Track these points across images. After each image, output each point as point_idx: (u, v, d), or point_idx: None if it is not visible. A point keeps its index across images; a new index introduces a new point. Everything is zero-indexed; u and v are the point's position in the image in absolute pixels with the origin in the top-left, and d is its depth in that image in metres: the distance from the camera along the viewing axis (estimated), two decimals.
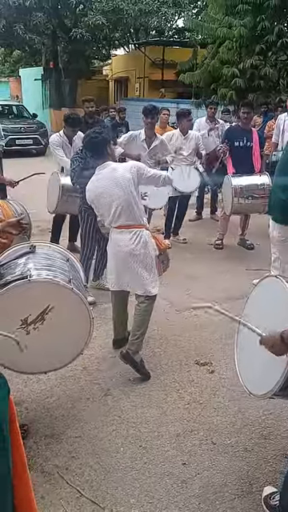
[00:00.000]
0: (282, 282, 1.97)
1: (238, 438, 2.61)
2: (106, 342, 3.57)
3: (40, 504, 2.14)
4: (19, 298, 2.26)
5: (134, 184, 3.03)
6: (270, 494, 2.17)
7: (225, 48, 10.34)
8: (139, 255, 3.09)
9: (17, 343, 1.84)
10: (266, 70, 9.93)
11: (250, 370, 2.18)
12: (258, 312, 2.12)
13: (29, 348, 2.12)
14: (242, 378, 2.21)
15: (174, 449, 2.52)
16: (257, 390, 2.03)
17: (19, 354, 1.99)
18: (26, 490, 1.26)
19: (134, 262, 3.10)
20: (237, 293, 4.19)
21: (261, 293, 2.22)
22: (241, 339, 2.33)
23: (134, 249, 3.08)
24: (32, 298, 2.29)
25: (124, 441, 2.57)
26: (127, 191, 3.00)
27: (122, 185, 3.00)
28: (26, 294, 2.27)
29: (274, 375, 1.84)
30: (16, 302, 2.26)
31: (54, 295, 2.34)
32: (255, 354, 2.10)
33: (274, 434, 2.64)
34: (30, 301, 2.29)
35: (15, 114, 15.22)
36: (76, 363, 3.22)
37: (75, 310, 2.43)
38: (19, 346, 1.83)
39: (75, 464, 2.40)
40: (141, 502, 2.20)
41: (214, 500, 2.21)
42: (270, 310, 2.04)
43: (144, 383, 3.08)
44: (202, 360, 3.37)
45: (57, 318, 2.34)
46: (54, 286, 2.34)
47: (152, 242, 3.18)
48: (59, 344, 2.46)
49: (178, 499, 2.21)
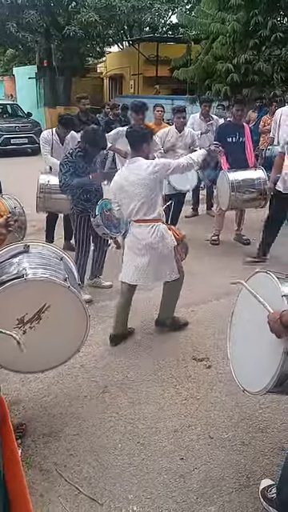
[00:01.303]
0: (271, 277, 1.97)
1: (236, 432, 2.62)
2: (103, 339, 3.57)
3: (39, 502, 2.16)
4: (15, 297, 2.26)
5: (157, 182, 3.24)
6: (267, 486, 2.19)
7: (218, 43, 10.33)
8: (157, 248, 3.31)
9: (17, 343, 1.82)
10: (260, 64, 9.93)
11: (244, 366, 2.18)
12: (250, 308, 2.12)
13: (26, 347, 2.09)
14: (235, 374, 2.21)
15: (171, 444, 2.53)
16: (251, 387, 2.04)
17: (16, 354, 1.96)
18: (20, 488, 1.27)
19: (153, 255, 3.32)
20: (233, 288, 4.18)
21: (253, 288, 2.22)
22: (233, 334, 2.33)
23: (152, 242, 3.29)
24: (28, 297, 2.29)
25: (122, 437, 2.58)
26: (150, 189, 3.20)
27: (147, 183, 3.18)
28: (23, 293, 2.26)
29: (268, 372, 1.84)
30: (12, 302, 2.26)
31: (50, 294, 2.34)
32: (249, 350, 2.11)
33: (271, 427, 2.65)
34: (26, 300, 2.28)
35: (10, 113, 15.17)
36: (73, 361, 3.23)
37: (71, 307, 2.43)
38: (20, 346, 1.81)
39: (73, 461, 2.41)
40: (139, 497, 2.21)
41: (212, 494, 2.22)
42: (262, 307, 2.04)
43: (141, 380, 3.09)
44: (199, 355, 3.38)
45: (53, 316, 2.34)
46: (50, 284, 2.34)
47: (169, 233, 3.38)
48: (56, 342, 2.45)
49: (175, 494, 2.23)
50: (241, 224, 5.85)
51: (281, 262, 4.87)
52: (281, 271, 2.05)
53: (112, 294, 4.30)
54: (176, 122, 5.59)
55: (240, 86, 10.23)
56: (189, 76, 11.55)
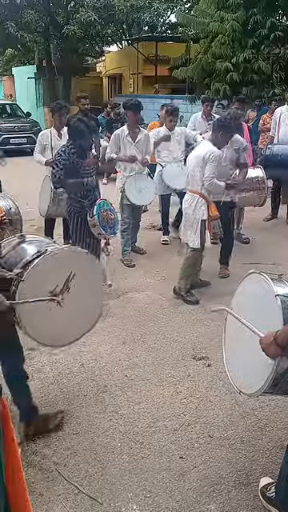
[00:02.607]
0: (265, 278, 1.98)
1: (235, 431, 2.62)
2: (102, 338, 3.58)
3: (39, 501, 2.16)
4: (46, 271, 2.33)
5: (202, 163, 3.91)
6: (266, 484, 2.19)
7: (217, 42, 10.31)
8: (187, 214, 4.12)
9: (57, 302, 2.20)
10: (259, 63, 9.92)
11: (239, 368, 2.19)
12: (244, 309, 2.13)
13: (56, 318, 2.33)
14: (231, 376, 2.21)
15: (171, 443, 2.54)
16: (246, 389, 2.04)
17: (47, 326, 2.31)
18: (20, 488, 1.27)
19: (184, 219, 4.20)
20: (233, 287, 4.19)
21: (246, 290, 2.23)
22: (228, 337, 2.34)
23: (185, 208, 4.13)
24: (56, 269, 2.36)
25: (121, 436, 2.58)
26: (197, 165, 3.95)
27: (197, 160, 3.95)
28: (51, 267, 2.34)
29: (263, 373, 1.84)
30: (44, 276, 2.32)
31: (74, 262, 2.43)
32: (244, 352, 2.11)
33: (270, 425, 2.66)
34: (55, 272, 2.36)
35: (9, 113, 15.17)
36: (73, 360, 3.25)
37: (91, 272, 2.57)
38: (59, 303, 2.19)
39: (73, 460, 2.42)
40: (139, 496, 2.21)
41: (212, 492, 2.23)
42: (255, 308, 2.05)
43: (140, 379, 3.10)
44: (198, 354, 3.39)
45: (78, 284, 2.39)
46: (72, 253, 2.52)
47: (203, 208, 3.99)
48: (81, 312, 2.50)
49: (175, 493, 2.23)
50: (240, 223, 5.86)
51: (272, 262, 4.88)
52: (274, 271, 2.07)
53: (111, 294, 4.30)
54: (167, 124, 5.54)
55: (239, 85, 10.23)
56: (188, 75, 11.53)
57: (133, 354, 3.40)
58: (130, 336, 3.65)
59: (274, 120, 6.62)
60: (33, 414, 2.56)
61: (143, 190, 5.02)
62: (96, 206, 3.98)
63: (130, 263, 5.06)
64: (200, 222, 3.99)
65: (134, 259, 5.17)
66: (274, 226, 6.52)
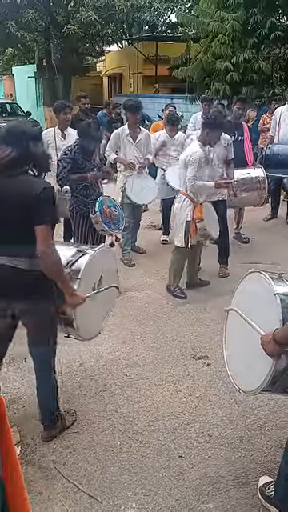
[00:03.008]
0: (265, 276, 1.99)
1: (234, 430, 2.63)
2: (102, 338, 3.56)
3: (38, 499, 2.17)
4: (92, 268, 2.56)
5: (184, 165, 4.02)
6: (265, 483, 2.19)
7: (217, 42, 10.31)
8: (176, 214, 4.22)
9: (117, 288, 2.74)
10: (260, 63, 9.92)
11: (239, 366, 2.20)
12: (244, 308, 2.14)
13: (91, 313, 2.56)
14: (231, 374, 2.23)
15: (170, 442, 2.54)
16: (246, 387, 2.05)
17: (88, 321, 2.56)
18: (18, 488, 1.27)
19: (175, 219, 4.27)
20: (233, 287, 4.20)
21: (247, 289, 2.24)
22: (228, 336, 2.35)
23: (175, 208, 4.25)
24: (96, 267, 2.61)
25: (121, 435, 2.59)
26: (181, 167, 4.10)
27: (181, 162, 4.09)
28: (94, 265, 2.58)
29: (262, 371, 1.85)
30: (91, 273, 2.56)
31: (103, 261, 2.72)
32: (243, 350, 2.13)
33: (270, 425, 2.66)
34: (94, 270, 2.61)
35: (9, 113, 15.16)
36: (72, 359, 3.26)
37: (112, 267, 2.87)
38: (118, 289, 2.72)
39: (72, 459, 2.42)
40: (138, 494, 2.21)
41: (211, 491, 2.23)
42: (255, 306, 2.06)
43: (140, 378, 3.10)
44: (198, 354, 3.39)
45: (105, 278, 2.69)
46: (103, 252, 2.76)
47: (189, 209, 4.05)
48: (105, 303, 2.77)
49: (174, 491, 2.23)
50: (240, 223, 5.86)
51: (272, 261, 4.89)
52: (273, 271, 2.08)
53: None
54: (169, 130, 5.56)
55: (239, 85, 10.23)
56: (188, 75, 11.53)
57: (132, 353, 3.40)
58: (129, 335, 3.65)
59: (274, 120, 6.62)
60: (55, 417, 2.56)
61: (144, 189, 5.02)
62: (98, 202, 3.99)
63: (130, 262, 5.06)
64: (185, 223, 4.05)
65: (134, 259, 5.18)
66: (273, 226, 6.52)
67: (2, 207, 2.12)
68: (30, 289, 2.21)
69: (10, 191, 2.12)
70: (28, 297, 2.23)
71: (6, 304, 2.26)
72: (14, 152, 2.10)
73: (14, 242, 2.15)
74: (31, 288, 2.21)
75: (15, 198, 2.12)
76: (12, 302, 2.25)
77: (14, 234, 2.15)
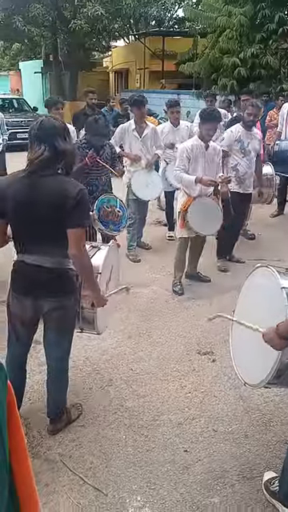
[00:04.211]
0: (272, 271, 1.99)
1: (239, 425, 2.64)
2: (107, 332, 3.58)
3: (44, 491, 2.19)
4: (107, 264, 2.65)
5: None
6: (270, 479, 2.20)
7: (225, 37, 10.26)
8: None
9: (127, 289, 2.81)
10: (267, 58, 9.85)
11: (244, 360, 2.20)
12: (251, 302, 2.14)
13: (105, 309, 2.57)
14: (236, 368, 2.24)
15: (175, 436, 2.55)
16: (251, 380, 2.06)
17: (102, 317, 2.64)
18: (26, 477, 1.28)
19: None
20: (239, 283, 4.19)
21: (254, 283, 2.24)
22: (235, 331, 2.35)
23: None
24: (108, 262, 2.69)
25: (126, 429, 2.60)
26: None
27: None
28: (107, 260, 2.67)
29: (267, 365, 1.86)
30: (106, 268, 2.65)
31: (113, 256, 2.82)
32: (249, 344, 2.13)
33: (275, 420, 2.67)
34: (108, 265, 2.69)
35: (16, 108, 15.16)
36: (78, 354, 3.27)
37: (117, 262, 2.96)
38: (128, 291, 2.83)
39: (78, 452, 2.44)
40: (143, 488, 2.23)
41: (215, 485, 2.24)
42: (262, 301, 2.07)
43: (146, 373, 3.11)
44: (203, 349, 3.40)
45: (114, 274, 2.82)
46: (113, 248, 2.87)
47: (182, 200, 4.16)
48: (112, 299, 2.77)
49: (179, 485, 2.25)
50: (247, 219, 5.83)
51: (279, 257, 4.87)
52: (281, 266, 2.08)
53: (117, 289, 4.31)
54: (171, 117, 5.54)
55: (247, 81, 10.16)
56: (195, 70, 11.49)
57: (138, 348, 3.41)
58: (135, 330, 3.67)
59: (282, 115, 6.57)
60: (61, 412, 2.58)
61: (149, 185, 5.02)
62: (98, 200, 3.92)
63: (136, 258, 5.07)
64: (177, 214, 4.25)
65: (140, 254, 5.18)
66: (280, 222, 6.50)
67: (35, 207, 2.09)
68: (54, 287, 2.23)
69: (44, 191, 2.08)
70: (52, 295, 2.24)
71: (30, 301, 2.27)
72: (47, 151, 2.06)
73: (43, 241, 2.15)
74: (55, 286, 2.23)
75: (49, 197, 2.08)
76: (36, 299, 2.26)
77: (43, 234, 2.14)
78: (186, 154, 4.00)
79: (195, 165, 4.04)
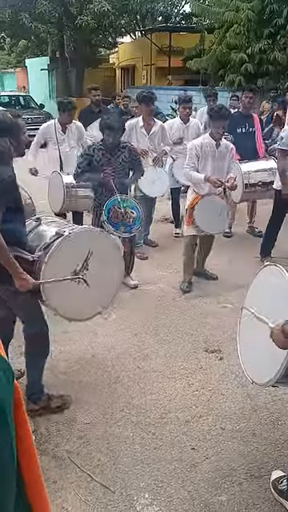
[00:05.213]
0: (280, 269, 1.98)
1: (247, 424, 2.63)
2: (114, 330, 3.60)
3: (52, 488, 2.20)
4: (67, 252, 2.51)
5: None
6: (278, 477, 2.19)
7: (232, 33, 10.18)
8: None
9: (84, 280, 2.51)
10: (275, 54, 9.76)
11: (252, 358, 2.19)
12: (259, 300, 2.13)
13: (77, 295, 2.55)
14: (244, 367, 2.23)
15: (183, 434, 2.55)
16: (259, 379, 2.05)
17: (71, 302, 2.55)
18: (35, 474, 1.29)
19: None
20: (246, 281, 4.17)
21: (262, 281, 2.23)
22: (242, 329, 2.34)
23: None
24: (76, 249, 2.56)
25: (134, 427, 2.61)
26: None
27: None
28: (71, 248, 2.53)
29: (276, 363, 1.85)
30: (65, 257, 2.52)
31: (90, 241, 2.64)
32: (257, 342, 2.12)
33: (283, 419, 2.66)
34: (75, 252, 2.56)
35: (22, 105, 15.23)
36: (84, 351, 3.28)
37: (108, 249, 2.77)
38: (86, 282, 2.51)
39: (86, 449, 2.45)
40: (150, 485, 2.23)
41: (223, 484, 2.24)
42: (270, 299, 2.06)
43: (153, 370, 3.11)
44: (210, 347, 3.39)
45: (96, 261, 2.61)
46: (88, 233, 2.72)
47: (190, 198, 4.17)
48: (101, 286, 2.70)
49: (187, 483, 2.25)
50: (253, 216, 5.81)
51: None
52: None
53: (124, 286, 4.30)
54: (181, 113, 5.51)
55: (254, 77, 10.09)
56: (202, 66, 11.43)
57: (145, 346, 3.41)
58: (142, 328, 3.66)
59: None
60: (38, 391, 2.69)
61: (156, 182, 4.99)
62: (109, 201, 3.79)
63: (143, 256, 5.06)
64: (185, 211, 4.24)
65: (147, 252, 5.17)
66: (286, 219, 6.43)
67: None
68: None
69: None
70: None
71: None
72: None
73: None
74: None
75: None
76: None
77: None
78: (195, 151, 3.98)
79: (205, 163, 4.01)
